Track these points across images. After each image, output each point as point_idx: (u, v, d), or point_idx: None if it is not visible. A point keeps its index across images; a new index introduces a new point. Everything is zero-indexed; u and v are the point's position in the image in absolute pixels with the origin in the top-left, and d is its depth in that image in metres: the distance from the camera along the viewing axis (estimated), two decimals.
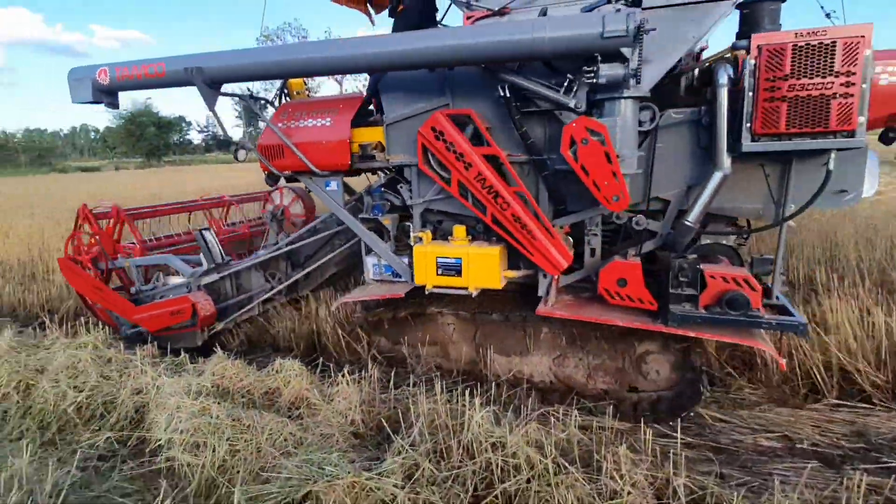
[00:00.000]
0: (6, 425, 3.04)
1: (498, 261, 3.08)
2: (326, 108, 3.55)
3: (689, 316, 2.69)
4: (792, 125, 2.47)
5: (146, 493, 2.50)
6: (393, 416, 2.86)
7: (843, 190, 2.66)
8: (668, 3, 2.71)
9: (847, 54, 2.35)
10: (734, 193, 2.83)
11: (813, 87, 2.41)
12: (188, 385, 2.93)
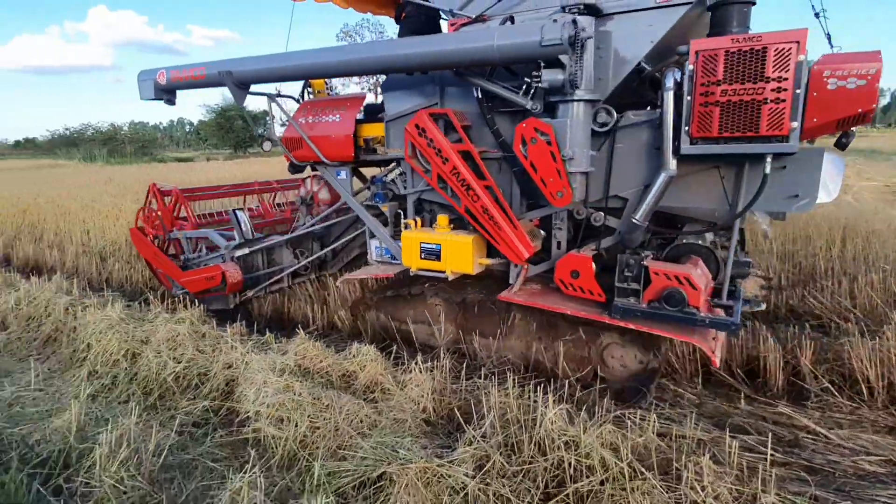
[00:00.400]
0: (116, 389, 3.37)
1: (471, 248, 3.27)
2: (336, 106, 3.95)
3: (632, 309, 2.80)
4: (725, 129, 2.49)
5: (234, 460, 2.68)
6: (463, 407, 2.89)
7: (796, 195, 2.64)
8: (622, 10, 2.80)
9: (778, 60, 2.34)
10: (692, 194, 2.86)
11: (744, 93, 2.42)
12: (273, 363, 3.11)
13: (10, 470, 2.46)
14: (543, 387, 2.74)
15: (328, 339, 4.04)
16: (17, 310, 4.57)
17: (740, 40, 2.42)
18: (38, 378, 3.49)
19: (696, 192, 2.85)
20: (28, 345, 4.17)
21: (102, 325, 3.82)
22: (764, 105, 2.39)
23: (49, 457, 2.65)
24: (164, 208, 4.90)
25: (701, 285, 2.63)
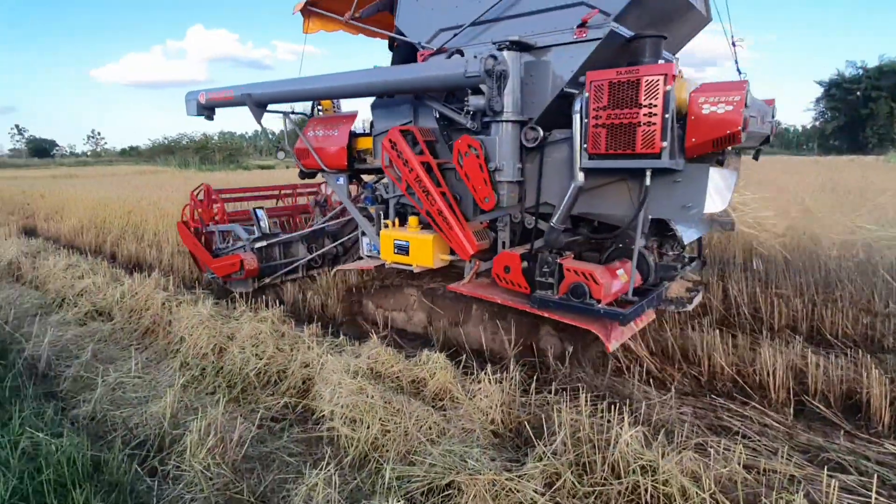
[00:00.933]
0: (204, 380, 3.61)
1: (431, 246, 3.76)
2: (334, 122, 4.54)
3: (546, 300, 3.20)
4: (610, 147, 2.89)
5: (308, 456, 2.79)
6: (532, 421, 2.84)
7: (688, 205, 2.96)
8: (548, 44, 3.25)
9: (649, 89, 2.72)
10: (607, 203, 3.26)
11: (624, 116, 2.81)
12: (347, 364, 3.22)
13: (113, 449, 2.69)
14: (619, 407, 2.64)
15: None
16: (121, 302, 5.02)
17: (622, 73, 2.81)
18: (137, 366, 3.80)
19: (609, 201, 3.25)
20: (129, 335, 4.57)
21: (194, 321, 4.12)
22: (638, 127, 2.78)
23: (146, 440, 2.89)
24: (201, 205, 5.70)
25: (603, 281, 2.98)
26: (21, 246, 7.72)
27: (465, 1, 3.60)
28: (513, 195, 3.54)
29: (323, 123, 4.63)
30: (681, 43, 4.03)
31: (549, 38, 3.25)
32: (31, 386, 3.47)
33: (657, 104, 2.71)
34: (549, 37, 3.26)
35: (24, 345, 4.15)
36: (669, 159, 2.77)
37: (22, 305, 5.37)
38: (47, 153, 71.72)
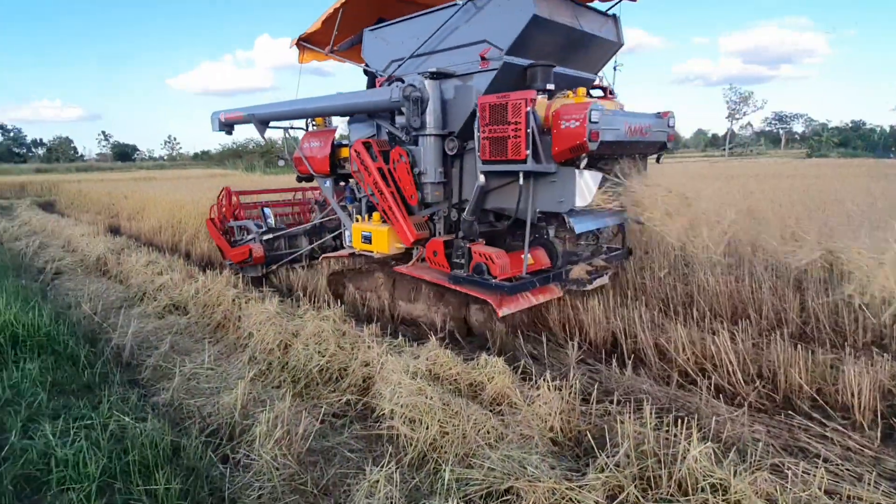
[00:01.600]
0: (270, 374, 3.78)
1: (387, 236, 4.47)
2: (320, 136, 5.37)
3: (459, 277, 3.96)
4: (492, 155, 3.65)
5: (368, 453, 2.86)
6: (593, 432, 2.78)
7: (562, 200, 3.61)
8: (462, 73, 4.02)
9: (515, 110, 3.46)
10: (507, 199, 3.92)
11: (499, 131, 3.57)
12: (406, 365, 3.27)
13: (189, 435, 2.87)
14: (686, 422, 2.54)
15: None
16: (195, 298, 5.34)
17: (497, 98, 3.56)
18: (210, 358, 4.02)
19: (508, 198, 3.89)
20: (203, 328, 4.85)
21: (261, 318, 4.31)
22: (509, 139, 3.53)
23: (218, 428, 3.05)
24: (222, 204, 6.75)
25: (498, 262, 3.73)
26: (107, 243, 8.36)
27: (408, 38, 4.36)
28: (437, 193, 4.31)
29: (313, 137, 5.46)
30: (598, 63, 4.62)
31: (465, 68, 4.01)
32: (117, 373, 3.76)
33: (521, 122, 3.45)
34: (464, 66, 4.01)
35: (111, 335, 4.50)
36: (536, 164, 3.48)
37: (108, 298, 5.82)
38: (129, 157, 77.36)
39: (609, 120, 3.45)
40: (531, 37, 3.76)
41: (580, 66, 4.33)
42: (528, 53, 3.83)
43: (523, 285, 3.74)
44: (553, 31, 3.87)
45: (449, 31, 4.09)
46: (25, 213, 13.95)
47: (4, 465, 2.59)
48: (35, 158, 73.68)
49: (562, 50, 4.06)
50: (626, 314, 4.01)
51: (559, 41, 4.00)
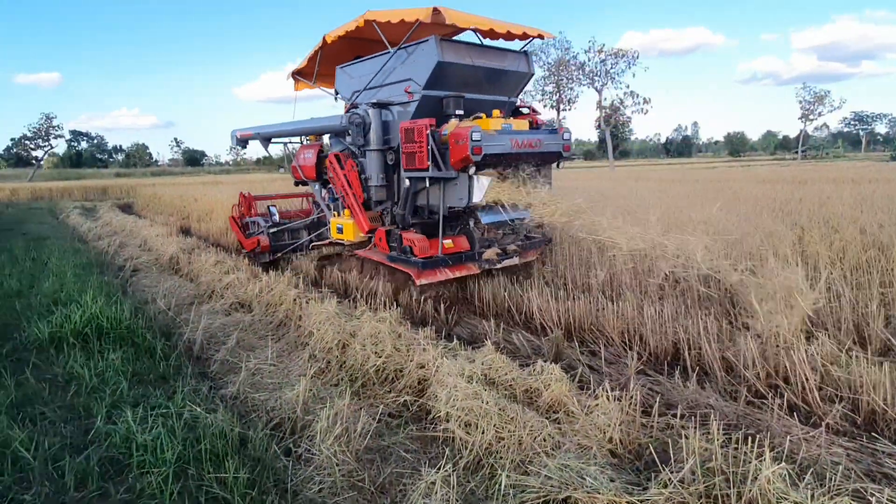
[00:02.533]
0: (329, 372, 3.90)
1: (352, 227, 5.63)
2: (310, 148, 6.67)
3: (392, 256, 5.11)
4: (408, 165, 4.86)
5: (423, 455, 2.89)
6: (654, 445, 2.69)
7: (462, 198, 4.76)
8: (397, 102, 5.21)
9: (419, 133, 4.65)
10: (432, 197, 5.03)
11: (411, 148, 4.76)
12: (462, 369, 3.28)
13: (255, 428, 3.00)
14: (757, 440, 2.41)
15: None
16: (259, 297, 5.58)
17: (409, 123, 4.76)
18: (272, 355, 4.20)
19: (433, 196, 5.05)
20: (266, 326, 5.06)
21: (321, 317, 4.45)
22: (416, 154, 4.70)
23: (280, 422, 3.18)
24: (244, 205, 8.11)
25: (419, 245, 4.85)
26: (179, 243, 8.90)
27: (364, 75, 5.66)
28: (380, 194, 5.54)
29: (305, 149, 6.76)
30: (514, 88, 5.70)
31: (399, 99, 5.22)
32: (189, 365, 3.98)
33: (423, 141, 4.63)
34: (399, 97, 5.20)
35: (184, 329, 4.78)
36: (437, 171, 4.66)
37: (180, 295, 6.19)
38: (198, 162, 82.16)
39: (491, 138, 4.54)
40: (442, 76, 4.90)
41: (497, 92, 5.51)
42: (444, 87, 5.00)
43: (435, 263, 4.89)
44: (461, 70, 4.99)
45: (389, 71, 5.35)
46: (107, 215, 15.07)
47: (92, 447, 2.81)
48: (115, 164, 79.63)
49: (476, 81, 5.21)
50: (689, 324, 3.85)
51: (470, 76, 5.11)
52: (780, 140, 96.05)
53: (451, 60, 4.82)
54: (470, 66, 5.01)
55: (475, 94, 5.21)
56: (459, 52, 4.96)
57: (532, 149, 4.86)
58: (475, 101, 5.15)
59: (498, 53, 5.37)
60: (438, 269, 4.91)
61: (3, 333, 4.65)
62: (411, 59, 5.02)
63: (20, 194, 28.23)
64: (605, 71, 39.38)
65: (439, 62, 4.72)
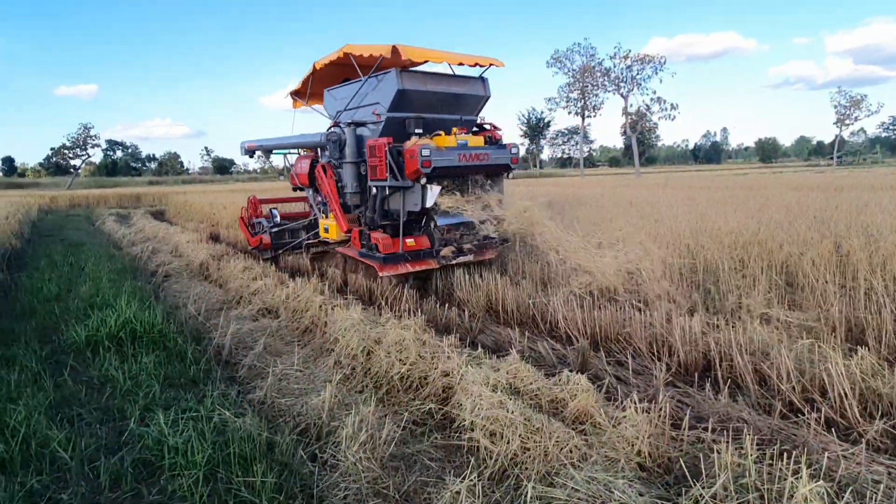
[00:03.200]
0: (354, 379, 3.92)
1: (335, 227, 6.58)
2: (304, 158, 7.45)
3: (363, 252, 5.99)
4: (373, 176, 5.77)
5: (447, 463, 2.88)
6: (685, 460, 2.62)
7: (416, 203, 5.61)
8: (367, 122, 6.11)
9: (379, 149, 5.55)
10: (395, 203, 5.90)
11: (374, 161, 5.68)
12: (486, 377, 3.27)
13: (282, 433, 3.04)
14: (793, 456, 2.33)
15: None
16: (286, 303, 5.67)
17: (373, 141, 5.66)
18: (298, 360, 4.25)
19: (395, 202, 5.88)
20: (292, 332, 5.13)
21: (346, 324, 4.49)
22: (378, 166, 5.61)
23: (306, 427, 3.21)
24: (251, 207, 9.10)
25: (382, 243, 5.67)
26: (209, 250, 9.11)
27: (345, 97, 6.50)
28: (355, 200, 6.36)
29: (301, 159, 7.60)
30: (474, 109, 6.53)
31: (369, 119, 6.09)
32: (218, 370, 4.07)
33: (382, 156, 5.53)
34: (369, 118, 6.08)
35: (213, 334, 4.88)
36: (394, 181, 5.54)
37: (210, 300, 6.33)
38: (227, 170, 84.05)
39: (440, 153, 5.42)
40: (403, 100, 5.77)
41: (457, 112, 6.33)
42: (406, 109, 5.85)
43: (397, 258, 5.67)
44: (420, 95, 5.86)
45: (363, 95, 6.22)
46: (140, 222, 15.53)
47: (125, 449, 2.88)
48: (148, 172, 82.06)
49: (436, 104, 6.02)
50: (721, 336, 3.76)
51: (430, 100, 5.94)
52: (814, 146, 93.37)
53: (410, 88, 5.75)
54: (429, 92, 5.92)
55: (436, 114, 6.03)
56: (418, 81, 5.90)
57: (480, 162, 5.76)
58: (438, 121, 5.99)
59: (456, 80, 6.30)
60: (400, 264, 5.67)
61: (44, 336, 4.83)
62: (379, 86, 5.93)
63: (59, 202, 29.38)
64: (631, 77, 39.03)
65: (399, 90, 5.67)
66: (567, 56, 41.82)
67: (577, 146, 64.58)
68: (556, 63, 42.50)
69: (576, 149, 77.82)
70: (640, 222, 6.91)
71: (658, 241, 5.69)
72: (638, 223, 6.80)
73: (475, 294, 5.63)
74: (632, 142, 43.57)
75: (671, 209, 8.58)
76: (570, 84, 42.50)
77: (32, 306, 5.89)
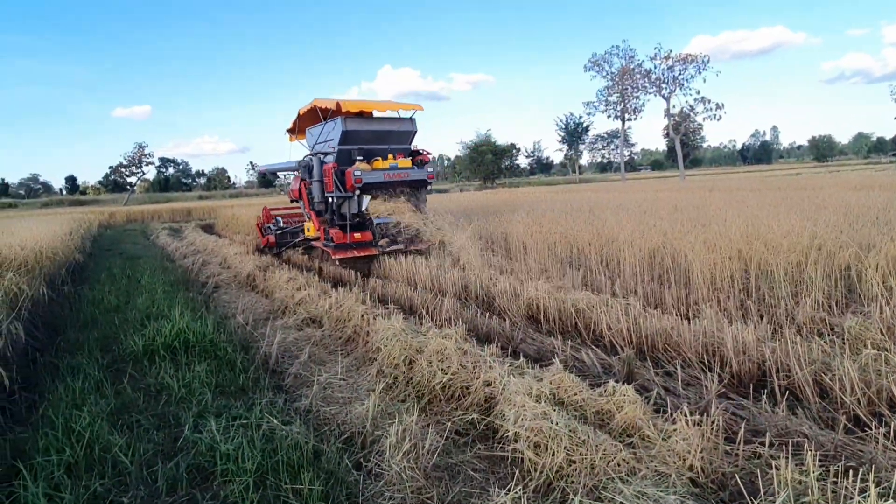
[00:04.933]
0: (396, 388, 3.95)
1: (312, 227, 9.05)
2: (296, 179, 9.80)
3: (325, 243, 8.47)
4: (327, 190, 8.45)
5: (491, 474, 2.86)
6: (740, 476, 2.50)
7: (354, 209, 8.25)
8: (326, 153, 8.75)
9: (328, 172, 8.35)
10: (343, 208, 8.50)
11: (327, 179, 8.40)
12: (529, 388, 3.22)
13: (328, 441, 3.09)
14: (859, 473, 2.19)
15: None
16: (329, 312, 5.78)
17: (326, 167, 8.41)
18: (342, 369, 4.32)
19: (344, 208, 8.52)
20: (335, 341, 5.23)
21: (388, 333, 4.53)
22: (328, 183, 8.31)
23: (351, 436, 3.25)
24: (265, 215, 11.75)
25: (336, 235, 8.11)
26: (255, 261, 9.41)
27: (316, 135, 9.24)
28: (321, 207, 8.80)
29: (295, 180, 9.94)
30: (407, 139, 8.89)
31: (329, 150, 8.52)
32: (266, 378, 4.18)
33: (330, 176, 8.14)
34: (329, 150, 8.51)
35: (260, 343, 5.03)
36: (339, 193, 8.13)
37: (256, 310, 6.54)
38: (271, 184, 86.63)
39: (368, 173, 7.99)
40: (348, 137, 8.28)
41: (393, 143, 8.73)
42: (352, 143, 8.34)
43: (346, 246, 8.06)
44: (362, 133, 8.42)
45: (326, 134, 8.80)
46: (191, 235, 16.23)
47: (181, 455, 3.00)
48: (198, 187, 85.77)
49: (375, 138, 8.55)
50: (778, 346, 3.59)
51: (369, 136, 8.50)
52: (874, 142, 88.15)
53: (352, 129, 8.31)
54: (367, 130, 8.53)
55: (375, 145, 8.53)
56: (359, 123, 8.43)
57: (402, 178, 8.34)
58: (378, 150, 8.47)
59: (388, 121, 8.80)
60: (348, 251, 8.08)
61: (105, 345, 5.10)
62: (333, 128, 8.52)
63: (117, 217, 31.10)
64: (673, 77, 38.04)
65: (343, 131, 8.25)
66: (605, 59, 41.20)
67: (618, 150, 63.31)
68: (594, 67, 41.95)
69: (616, 153, 76.32)
70: (686, 227, 6.69)
71: (707, 246, 5.49)
72: (681, 228, 6.59)
73: (516, 303, 5.59)
74: (675, 144, 42.38)
75: (720, 213, 8.28)
76: (609, 87, 41.82)
77: (94, 317, 6.23)
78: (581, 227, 7.49)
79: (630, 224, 7.16)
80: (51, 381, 4.13)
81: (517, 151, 69.80)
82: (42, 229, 11.37)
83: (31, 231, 10.56)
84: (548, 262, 7.02)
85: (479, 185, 60.00)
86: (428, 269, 7.26)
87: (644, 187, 24.41)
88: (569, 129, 70.29)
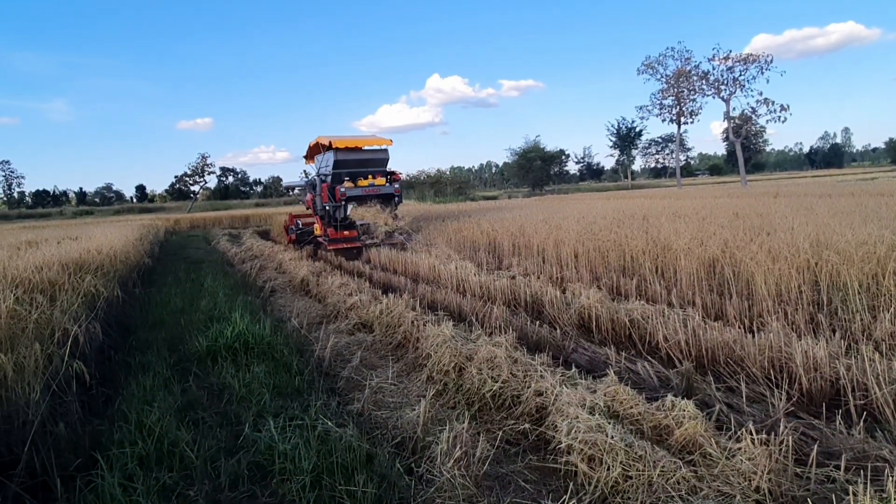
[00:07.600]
0: (446, 395, 3.96)
1: (318, 227, 12.61)
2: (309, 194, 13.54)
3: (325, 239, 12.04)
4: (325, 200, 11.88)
5: (543, 486, 2.81)
6: (812, 500, 2.35)
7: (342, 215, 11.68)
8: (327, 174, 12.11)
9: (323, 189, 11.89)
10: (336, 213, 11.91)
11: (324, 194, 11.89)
12: (583, 399, 3.16)
13: (380, 445, 3.14)
14: None
15: None
16: (379, 318, 5.87)
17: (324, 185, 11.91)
18: (392, 375, 4.38)
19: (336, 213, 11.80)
20: (386, 346, 5.31)
21: (438, 340, 4.56)
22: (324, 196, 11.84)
23: (402, 441, 3.29)
24: (290, 219, 14.84)
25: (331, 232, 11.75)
26: (309, 267, 9.71)
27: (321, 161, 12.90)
28: (323, 213, 11.95)
29: (310, 194, 13.05)
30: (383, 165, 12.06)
31: (328, 173, 11.83)
32: (320, 381, 4.30)
33: (324, 192, 11.71)
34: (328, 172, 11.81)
35: (314, 347, 5.17)
36: (332, 203, 11.55)
37: (310, 314, 6.73)
38: None
39: (351, 189, 11.22)
40: (339, 164, 11.52)
41: (373, 167, 11.79)
42: (343, 168, 11.53)
43: (337, 240, 11.46)
44: (349, 161, 11.61)
45: (326, 161, 12.03)
46: (249, 241, 16.93)
47: (241, 452, 3.13)
48: (255, 195, 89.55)
49: (359, 164, 11.68)
50: (853, 363, 3.35)
51: (355, 162, 11.65)
52: None
53: (342, 158, 11.47)
54: (353, 159, 11.63)
55: (360, 169, 11.61)
56: (347, 154, 11.53)
57: (374, 192, 11.41)
58: (361, 172, 11.53)
59: (369, 151, 11.78)
60: (339, 244, 11.43)
61: (172, 345, 5.39)
62: (330, 156, 11.67)
63: (181, 224, 32.96)
64: (733, 79, 36.42)
65: (335, 159, 11.42)
66: (660, 61, 39.98)
67: (673, 155, 61.18)
68: (648, 70, 40.79)
69: (671, 157, 73.75)
70: (749, 235, 6.38)
71: (771, 255, 5.22)
72: (744, 236, 6.29)
73: (566, 312, 5.49)
74: (735, 147, 40.47)
75: (785, 220, 7.84)
76: (664, 90, 40.52)
77: (162, 318, 6.61)
78: (635, 235, 7.28)
79: (687, 232, 6.90)
80: (124, 377, 4.41)
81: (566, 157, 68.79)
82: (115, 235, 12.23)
83: (106, 236, 11.37)
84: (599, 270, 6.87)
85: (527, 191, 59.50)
86: (478, 276, 7.26)
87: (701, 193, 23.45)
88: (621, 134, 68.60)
